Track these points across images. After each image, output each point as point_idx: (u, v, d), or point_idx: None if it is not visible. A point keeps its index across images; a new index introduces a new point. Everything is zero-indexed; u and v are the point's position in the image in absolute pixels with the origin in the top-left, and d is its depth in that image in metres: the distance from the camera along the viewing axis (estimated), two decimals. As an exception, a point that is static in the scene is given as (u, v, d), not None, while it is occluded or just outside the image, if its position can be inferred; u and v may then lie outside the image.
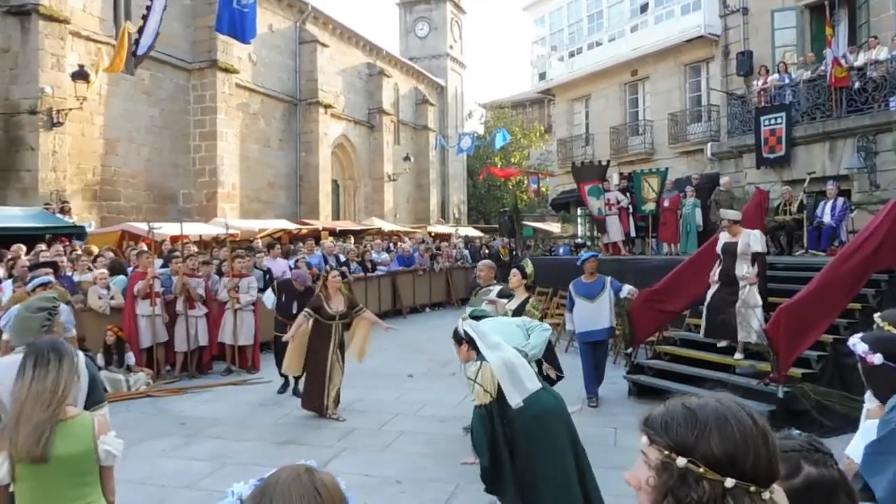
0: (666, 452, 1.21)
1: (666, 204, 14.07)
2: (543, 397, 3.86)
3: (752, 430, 1.19)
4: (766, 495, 1.17)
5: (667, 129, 20.71)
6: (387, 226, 24.80)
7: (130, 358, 9.32)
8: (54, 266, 8.97)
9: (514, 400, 3.78)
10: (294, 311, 8.48)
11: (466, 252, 20.03)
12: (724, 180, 14.13)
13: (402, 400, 8.41)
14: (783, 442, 1.43)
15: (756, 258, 7.57)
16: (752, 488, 1.16)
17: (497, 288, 7.02)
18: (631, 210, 14.47)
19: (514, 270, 6.73)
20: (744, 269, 7.52)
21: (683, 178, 15.88)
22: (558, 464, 3.80)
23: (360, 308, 7.88)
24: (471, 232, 28.15)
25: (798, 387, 6.63)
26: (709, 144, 18.27)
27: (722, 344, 7.86)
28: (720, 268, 7.82)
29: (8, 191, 15.14)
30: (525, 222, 24.94)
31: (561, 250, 20.85)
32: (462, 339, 4.11)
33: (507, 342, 4.15)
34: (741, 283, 7.51)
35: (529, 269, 6.77)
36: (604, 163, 16.37)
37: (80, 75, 15.54)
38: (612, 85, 23.20)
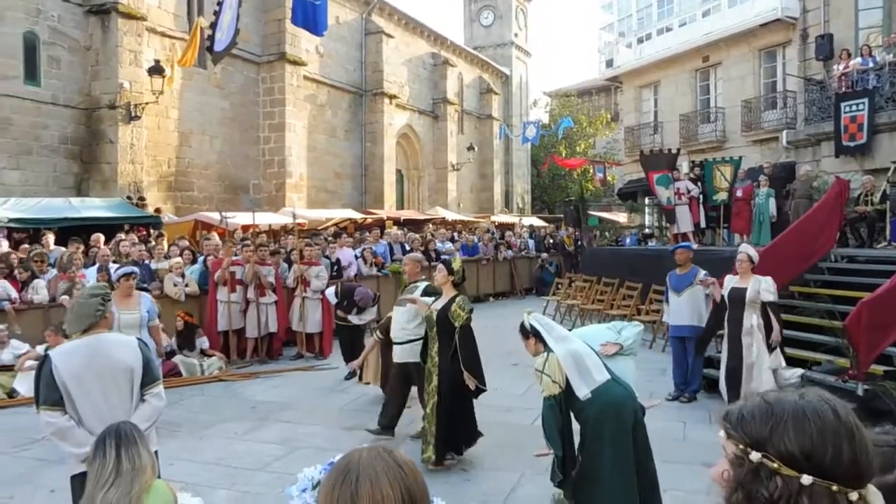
0: (741, 447, 1.18)
1: (739, 194, 13.65)
2: (613, 389, 3.81)
3: (833, 426, 1.14)
4: (853, 496, 1.11)
5: (739, 116, 20.05)
6: (450, 215, 24.86)
7: (204, 342, 9.66)
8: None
9: (582, 391, 3.75)
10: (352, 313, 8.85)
11: (531, 242, 19.89)
12: (803, 170, 13.60)
13: (466, 389, 8.43)
14: (879, 437, 1.37)
15: (770, 309, 6.72)
16: (835, 487, 1.11)
17: (423, 285, 6.60)
18: (701, 200, 14.09)
19: (439, 266, 5.95)
20: (752, 320, 6.70)
21: (756, 167, 15.35)
22: (622, 457, 3.76)
23: None
24: (535, 221, 27.94)
25: (879, 384, 6.35)
26: (784, 132, 17.61)
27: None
28: (726, 316, 7.01)
29: (90, 182, 15.87)
30: (591, 212, 24.55)
31: (627, 240, 20.49)
32: (529, 333, 4.09)
33: (596, 340, 4.13)
34: (749, 340, 6.71)
35: (457, 265, 5.96)
36: (673, 151, 15.97)
37: (156, 70, 16.10)
38: (683, 71, 22.59)
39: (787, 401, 1.19)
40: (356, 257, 12.60)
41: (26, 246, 10.89)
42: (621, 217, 29.97)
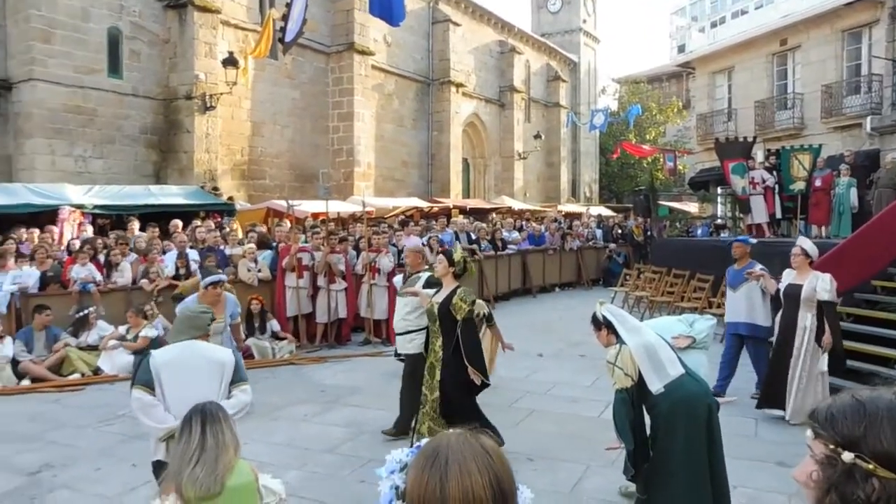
0: (831, 447, 1.14)
1: (818, 183, 13.12)
2: (687, 383, 3.73)
3: None
4: None
5: (819, 102, 19.22)
6: (516, 204, 24.74)
7: (275, 325, 9.93)
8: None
9: (655, 385, 3.68)
10: None
11: (598, 231, 19.61)
12: (888, 158, 12.96)
13: (531, 379, 8.43)
14: None
15: (825, 310, 6.28)
16: None
17: (425, 276, 6.46)
18: (778, 189, 13.59)
19: (439, 257, 5.69)
20: (806, 321, 6.27)
21: (836, 155, 14.70)
22: (695, 453, 3.68)
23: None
24: (603, 211, 27.53)
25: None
26: (868, 118, 16.81)
27: None
28: (779, 316, 6.64)
29: (168, 171, 16.48)
30: (661, 202, 24.02)
31: (699, 231, 19.98)
32: (601, 324, 4.04)
33: (667, 333, 4.05)
34: (800, 341, 6.30)
35: (458, 255, 5.68)
36: (749, 139, 15.45)
37: (230, 62, 16.54)
38: (758, 56, 21.79)
39: (881, 399, 1.14)
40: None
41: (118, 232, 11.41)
42: (692, 207, 29.24)
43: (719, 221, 19.74)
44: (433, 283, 6.09)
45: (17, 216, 11.46)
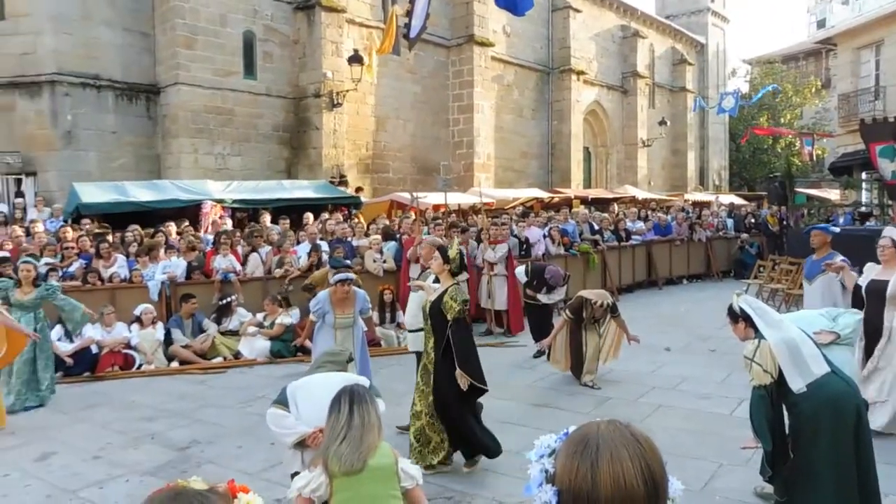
0: None
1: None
2: (833, 382, 3.50)
3: None
4: None
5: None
6: (640, 193, 24.04)
7: (400, 316, 10.19)
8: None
9: (796, 384, 3.47)
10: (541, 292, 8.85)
11: (729, 221, 18.69)
12: None
13: (658, 373, 8.19)
14: None
15: None
16: None
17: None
18: (934, 173, 12.44)
19: (435, 254, 5.39)
20: (893, 321, 5.56)
21: None
22: (843, 457, 3.45)
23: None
24: (733, 199, 26.23)
25: None
26: None
27: None
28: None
29: (298, 166, 17.29)
30: (798, 189, 22.57)
31: (841, 220, 18.61)
32: (738, 317, 3.86)
33: (808, 328, 3.82)
34: (883, 343, 5.62)
35: (453, 252, 5.34)
36: (899, 119, 14.22)
37: (355, 59, 17.09)
38: (912, 28, 19.99)
39: None
40: (544, 236, 12.62)
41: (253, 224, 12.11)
42: (833, 194, 27.31)
43: (864, 209, 18.29)
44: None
45: (166, 210, 12.43)
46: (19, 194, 14.28)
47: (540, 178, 24.83)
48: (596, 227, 14.52)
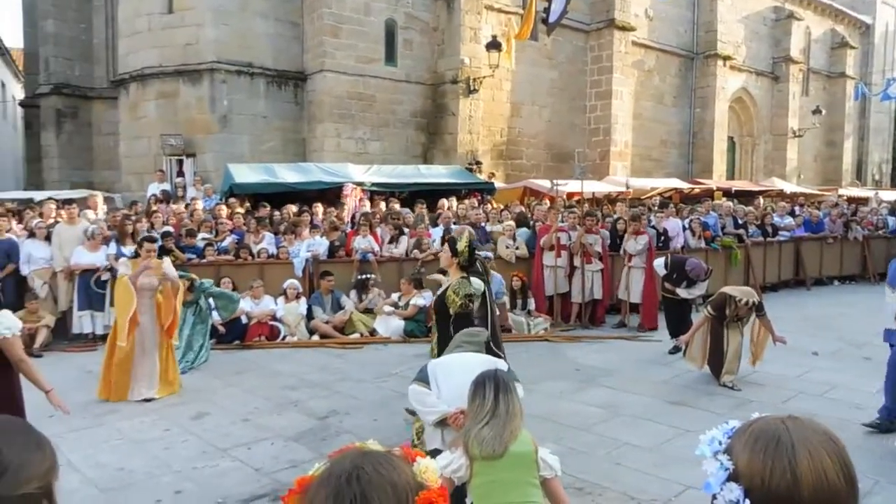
0: None
1: None
2: None
3: None
4: None
5: None
6: (789, 187, 22.57)
7: (531, 303, 10.19)
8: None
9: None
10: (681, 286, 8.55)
11: (891, 219, 17.17)
12: None
13: (805, 378, 7.70)
14: None
15: None
16: None
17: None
18: None
19: (444, 246, 5.19)
20: None
21: None
22: None
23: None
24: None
25: None
26: None
27: None
28: None
29: (434, 151, 17.61)
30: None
31: None
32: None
33: None
34: None
35: (462, 244, 5.10)
36: None
37: (493, 45, 17.11)
38: None
39: None
40: (684, 228, 12.15)
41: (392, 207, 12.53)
42: None
43: None
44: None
45: (310, 192, 13.07)
46: (180, 174, 15.48)
47: (680, 168, 23.88)
48: (740, 221, 13.81)
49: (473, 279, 5.15)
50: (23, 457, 1.10)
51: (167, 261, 7.27)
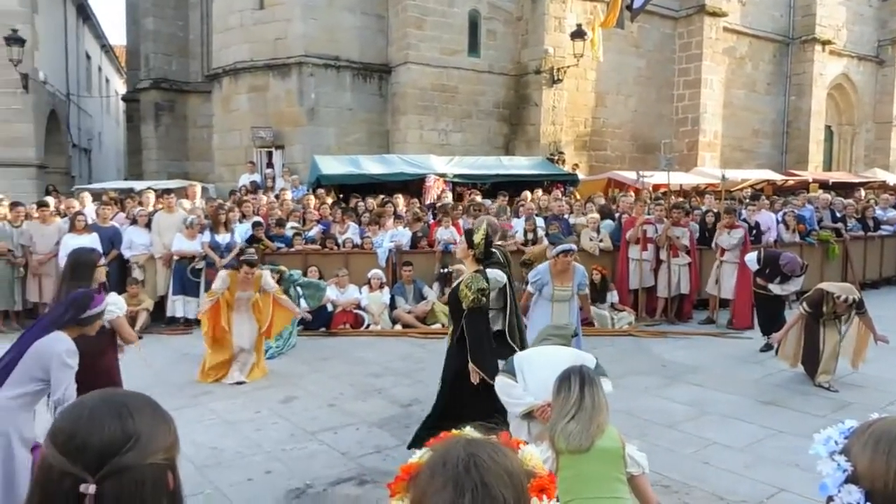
0: None
1: None
2: None
3: None
4: None
5: None
6: (893, 178, 21.29)
7: (614, 296, 10.02)
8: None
9: None
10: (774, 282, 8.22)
11: None
12: None
13: (910, 381, 7.28)
14: None
15: None
16: None
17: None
18: None
19: (460, 238, 5.02)
20: None
21: None
22: None
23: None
24: None
25: None
26: None
27: None
28: None
29: (516, 142, 17.52)
30: None
31: None
32: None
33: None
34: None
35: (479, 236, 4.87)
36: None
37: (578, 34, 16.81)
38: None
39: None
40: (777, 222, 11.66)
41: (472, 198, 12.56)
42: None
43: None
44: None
45: (393, 183, 13.25)
46: (269, 165, 15.98)
47: (773, 159, 22.87)
48: (838, 214, 13.13)
49: (493, 271, 5.05)
50: (152, 428, 1.15)
51: (267, 274, 7.58)
